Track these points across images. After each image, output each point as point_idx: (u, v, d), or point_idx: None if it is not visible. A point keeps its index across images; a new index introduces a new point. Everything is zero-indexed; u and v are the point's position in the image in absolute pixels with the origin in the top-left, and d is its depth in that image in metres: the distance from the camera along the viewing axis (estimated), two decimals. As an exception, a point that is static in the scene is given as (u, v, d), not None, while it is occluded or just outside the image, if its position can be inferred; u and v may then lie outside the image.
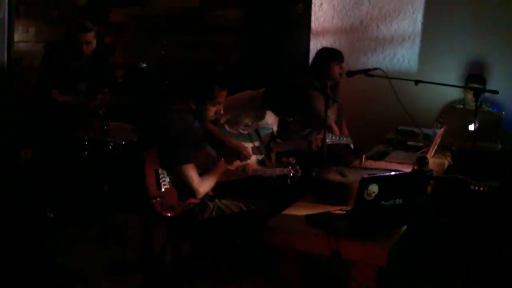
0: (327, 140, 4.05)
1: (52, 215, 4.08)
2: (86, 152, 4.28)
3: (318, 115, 4.20)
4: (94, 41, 4.47)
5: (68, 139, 4.31)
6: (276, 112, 4.01)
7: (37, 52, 5.27)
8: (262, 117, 4.02)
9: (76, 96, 4.47)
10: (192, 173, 3.04)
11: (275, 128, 4.23)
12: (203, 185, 3.09)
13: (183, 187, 3.05)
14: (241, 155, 3.67)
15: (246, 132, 4.00)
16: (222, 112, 3.28)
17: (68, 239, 3.99)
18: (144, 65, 5.87)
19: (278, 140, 4.19)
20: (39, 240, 3.92)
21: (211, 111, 3.19)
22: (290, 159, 3.42)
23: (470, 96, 4.89)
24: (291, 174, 3.40)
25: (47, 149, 4.42)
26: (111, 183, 4.24)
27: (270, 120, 4.13)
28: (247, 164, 3.40)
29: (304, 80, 4.55)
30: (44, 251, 3.79)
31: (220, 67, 4.69)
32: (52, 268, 3.58)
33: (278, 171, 3.45)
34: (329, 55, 4.53)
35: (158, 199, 3.00)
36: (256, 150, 3.95)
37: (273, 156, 4.09)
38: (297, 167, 3.40)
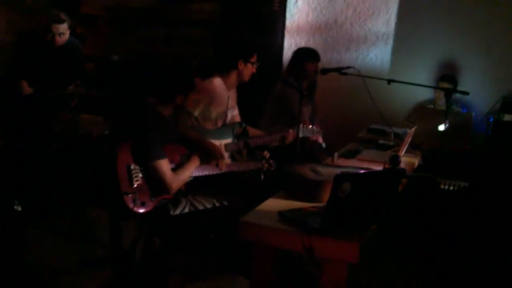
0: (300, 133, 4.07)
1: (20, 209, 4.01)
2: (55, 145, 4.23)
3: (293, 112, 4.23)
4: (67, 33, 4.45)
5: (38, 131, 4.26)
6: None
7: (8, 42, 5.18)
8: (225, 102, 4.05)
9: (47, 88, 4.42)
10: (165, 169, 3.02)
11: (236, 112, 4.23)
12: (176, 181, 3.07)
13: (156, 183, 3.03)
14: (216, 157, 3.65)
15: (218, 127, 4.00)
16: (203, 102, 3.30)
17: (37, 233, 3.93)
18: (116, 57, 5.80)
19: (250, 135, 4.18)
20: (7, 234, 3.85)
21: (192, 100, 3.24)
22: (264, 152, 3.41)
23: (441, 96, 4.96)
24: (265, 169, 3.39)
25: (16, 142, 4.35)
26: (81, 177, 4.19)
27: (233, 104, 4.15)
28: (220, 160, 3.38)
29: (281, 77, 4.59)
30: (12, 245, 3.73)
31: (195, 61, 4.68)
32: (21, 263, 3.52)
33: (252, 165, 3.44)
34: (304, 55, 4.57)
35: (130, 195, 2.96)
36: (228, 146, 3.95)
37: (244, 152, 4.09)
38: (271, 161, 3.40)
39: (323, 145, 4.45)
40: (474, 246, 3.83)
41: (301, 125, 4.14)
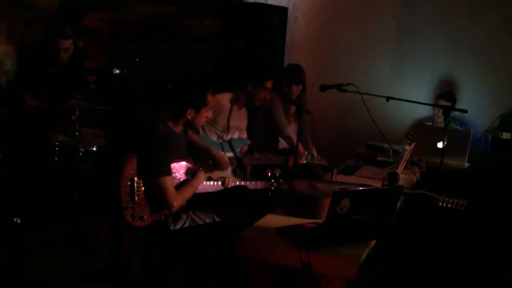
0: (303, 160, 4.11)
1: (19, 221, 4.01)
2: (56, 157, 4.24)
3: (275, 118, 4.32)
4: (72, 47, 4.48)
5: (39, 144, 4.26)
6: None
7: (8, 54, 5.20)
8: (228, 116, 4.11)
9: (49, 101, 4.43)
10: (169, 186, 2.98)
11: (245, 136, 4.28)
12: (179, 199, 3.04)
13: (157, 199, 3.01)
14: (222, 164, 3.66)
15: (220, 141, 4.04)
16: (211, 116, 3.30)
17: (35, 245, 3.91)
18: (117, 71, 5.83)
19: (255, 154, 4.22)
20: (6, 246, 3.84)
21: (203, 117, 3.22)
22: (275, 170, 3.38)
23: (439, 113, 4.99)
24: (274, 187, 3.37)
25: (17, 153, 4.35)
26: (81, 189, 4.19)
27: (239, 123, 4.18)
28: (227, 177, 3.37)
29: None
30: (11, 258, 3.71)
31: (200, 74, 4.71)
32: (19, 275, 3.51)
33: (259, 184, 3.42)
34: (285, 76, 4.56)
35: (129, 209, 2.95)
36: (231, 160, 3.98)
37: (248, 168, 4.11)
38: (281, 180, 3.37)
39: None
40: (472, 264, 3.83)
41: (306, 154, 4.20)
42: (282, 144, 4.61)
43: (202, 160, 3.49)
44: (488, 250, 3.96)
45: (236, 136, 4.20)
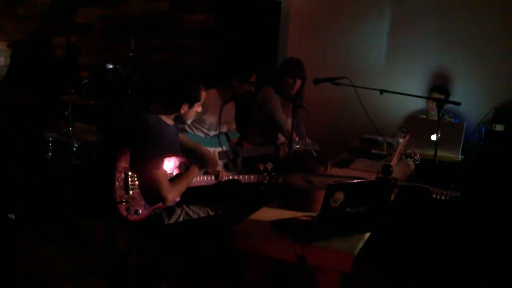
0: (295, 146, 4.11)
1: (13, 217, 4.00)
2: (50, 153, 4.23)
3: (275, 116, 4.30)
4: (65, 44, 4.48)
5: (32, 140, 4.25)
6: None
7: (0, 50, 5.18)
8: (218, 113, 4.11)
9: (42, 97, 4.43)
10: (163, 179, 2.99)
11: (233, 127, 4.28)
12: (173, 192, 3.05)
13: (152, 193, 3.01)
14: (209, 164, 3.65)
15: (215, 134, 4.03)
16: (200, 110, 3.31)
17: (30, 242, 3.91)
18: (111, 66, 5.82)
19: (245, 145, 4.22)
20: (1, 243, 3.83)
21: (194, 111, 3.23)
22: (267, 164, 3.39)
23: (433, 106, 4.99)
24: (266, 181, 3.37)
25: (10, 149, 4.34)
26: (75, 185, 4.19)
27: (228, 118, 4.18)
28: (221, 171, 3.38)
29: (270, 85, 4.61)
30: (5, 254, 3.71)
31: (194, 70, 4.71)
32: (15, 272, 3.51)
33: (253, 178, 3.43)
34: (287, 69, 4.54)
35: (124, 203, 2.96)
36: (223, 154, 3.97)
37: (239, 161, 4.10)
38: (273, 174, 3.37)
39: (317, 149, 4.48)
40: (466, 256, 3.85)
41: (297, 140, 4.19)
42: (281, 139, 4.60)
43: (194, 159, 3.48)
44: (482, 241, 3.97)
45: (225, 130, 4.20)
